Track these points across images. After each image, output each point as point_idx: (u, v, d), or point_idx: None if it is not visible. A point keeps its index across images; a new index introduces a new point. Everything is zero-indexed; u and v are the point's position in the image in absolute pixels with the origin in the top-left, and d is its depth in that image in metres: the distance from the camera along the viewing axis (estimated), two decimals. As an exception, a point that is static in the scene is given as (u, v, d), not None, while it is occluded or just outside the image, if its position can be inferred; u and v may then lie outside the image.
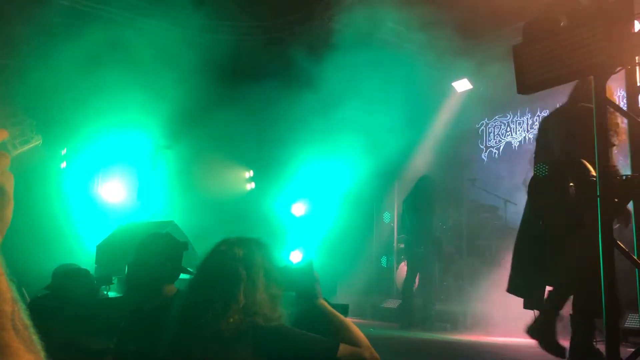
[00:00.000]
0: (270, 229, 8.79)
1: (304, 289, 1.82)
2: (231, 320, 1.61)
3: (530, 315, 6.37)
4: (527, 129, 9.34)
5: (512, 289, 4.21)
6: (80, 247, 7.30)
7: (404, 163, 9.38)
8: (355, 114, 8.16)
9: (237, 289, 1.66)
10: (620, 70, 3.25)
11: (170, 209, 8.11)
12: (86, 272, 3.60)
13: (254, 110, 8.55)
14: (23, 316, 0.68)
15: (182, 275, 2.70)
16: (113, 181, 8.58)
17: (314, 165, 9.40)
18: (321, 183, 9.74)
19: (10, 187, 0.72)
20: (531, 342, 5.36)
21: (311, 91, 7.95)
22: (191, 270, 2.80)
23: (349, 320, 1.81)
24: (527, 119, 9.38)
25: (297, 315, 1.81)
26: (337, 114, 8.21)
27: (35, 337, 0.68)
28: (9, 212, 0.72)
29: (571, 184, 4.02)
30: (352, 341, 1.71)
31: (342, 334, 1.74)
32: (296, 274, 1.82)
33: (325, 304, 1.83)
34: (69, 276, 3.45)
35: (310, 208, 10.15)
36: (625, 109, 3.38)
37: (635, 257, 3.10)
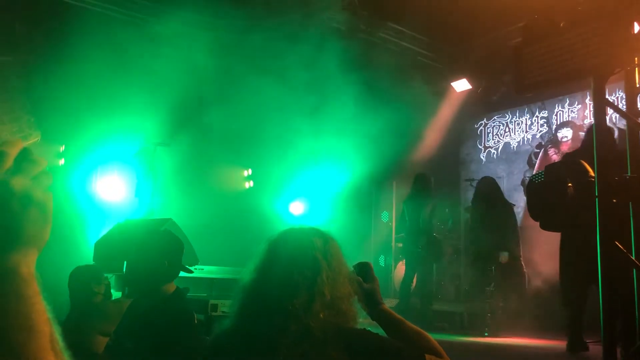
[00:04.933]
0: (268, 228, 8.77)
1: (365, 294, 1.66)
2: (321, 316, 1.44)
3: (527, 314, 6.40)
4: (526, 129, 9.35)
5: None
6: (78, 244, 7.29)
7: (403, 163, 9.39)
8: (353, 113, 8.16)
9: (320, 280, 1.48)
10: (620, 71, 3.26)
11: (168, 206, 8.10)
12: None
13: (252, 108, 8.54)
14: (58, 337, 0.69)
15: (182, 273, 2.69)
16: (111, 178, 8.57)
17: (313, 164, 9.40)
18: (319, 182, 9.74)
19: (51, 205, 0.73)
20: (528, 342, 5.38)
21: (310, 89, 7.95)
22: (191, 268, 2.80)
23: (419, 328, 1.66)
24: (526, 119, 9.38)
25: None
26: (335, 112, 8.20)
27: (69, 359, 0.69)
28: (48, 231, 0.73)
29: (570, 184, 4.03)
30: (432, 350, 1.56)
31: (419, 342, 1.59)
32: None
33: (389, 309, 1.69)
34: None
35: (309, 207, 10.15)
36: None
37: (634, 258, 3.10)
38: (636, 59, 3.24)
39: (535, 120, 9.25)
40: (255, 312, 1.50)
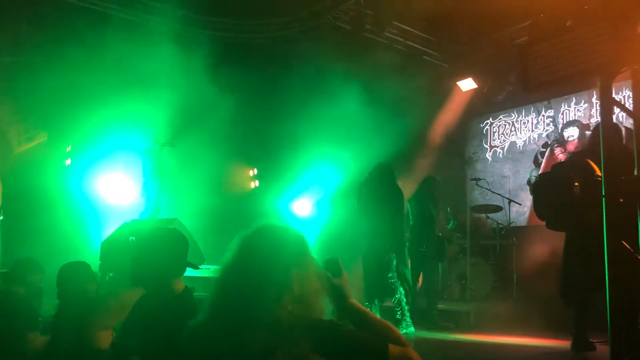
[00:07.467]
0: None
1: (333, 289, 1.73)
2: (290, 308, 1.52)
3: (531, 314, 6.38)
4: (532, 128, 9.31)
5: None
6: (85, 244, 7.32)
7: (408, 162, 9.37)
8: (359, 112, 8.16)
9: (289, 275, 1.56)
10: (626, 70, 3.24)
11: (175, 206, 8.12)
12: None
13: (258, 107, 8.55)
14: None
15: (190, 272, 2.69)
16: (118, 179, 8.60)
17: (318, 163, 9.40)
18: (325, 181, 9.74)
19: None
20: (533, 341, 5.37)
21: (316, 89, 7.95)
22: (197, 265, 2.81)
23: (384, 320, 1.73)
24: (532, 118, 9.35)
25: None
26: (341, 112, 8.20)
27: None
28: None
29: (576, 183, 4.01)
30: (396, 340, 1.63)
31: (384, 333, 1.67)
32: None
33: (356, 302, 1.76)
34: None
35: (314, 206, 10.15)
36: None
37: (640, 258, 3.09)
38: (643, 57, 3.23)
39: (541, 119, 9.21)
40: (226, 306, 1.56)
